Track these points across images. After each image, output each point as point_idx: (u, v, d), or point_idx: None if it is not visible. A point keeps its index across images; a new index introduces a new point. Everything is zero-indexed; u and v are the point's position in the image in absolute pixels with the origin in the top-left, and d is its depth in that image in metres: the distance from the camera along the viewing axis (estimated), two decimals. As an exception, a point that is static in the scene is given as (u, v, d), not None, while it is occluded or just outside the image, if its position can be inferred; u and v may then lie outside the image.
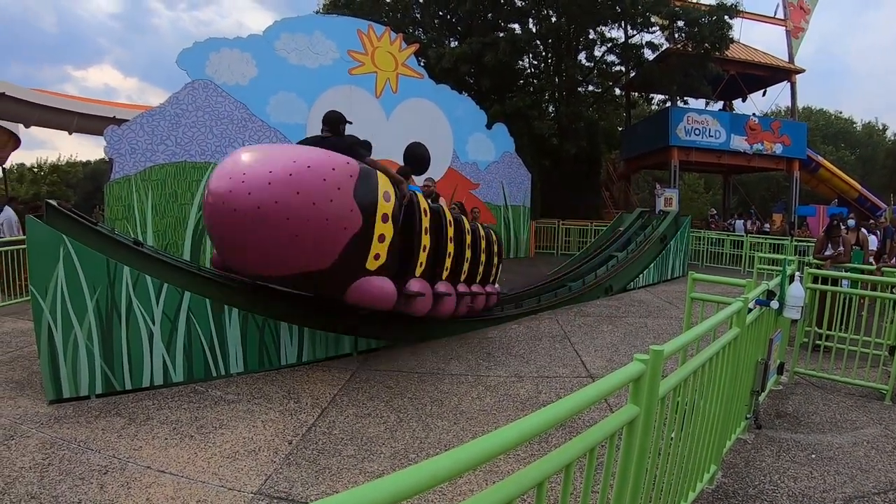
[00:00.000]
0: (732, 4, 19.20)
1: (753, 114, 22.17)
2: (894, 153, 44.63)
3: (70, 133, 23.22)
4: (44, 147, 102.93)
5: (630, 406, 1.96)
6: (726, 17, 18.86)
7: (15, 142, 23.48)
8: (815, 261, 8.01)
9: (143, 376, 4.90)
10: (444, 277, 6.19)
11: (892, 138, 49.57)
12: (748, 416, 4.22)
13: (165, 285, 4.98)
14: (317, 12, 22.18)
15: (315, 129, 11.64)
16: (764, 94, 24.35)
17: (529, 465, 1.47)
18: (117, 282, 4.74)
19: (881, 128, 51.73)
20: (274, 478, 3.45)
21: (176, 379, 5.06)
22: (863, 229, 9.79)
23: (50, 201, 5.05)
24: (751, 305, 3.65)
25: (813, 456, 4.00)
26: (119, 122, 10.16)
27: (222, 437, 4.01)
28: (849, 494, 3.47)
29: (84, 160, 50.16)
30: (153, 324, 4.91)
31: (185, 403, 4.62)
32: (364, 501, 0.99)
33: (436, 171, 14.06)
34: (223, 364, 5.30)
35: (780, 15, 22.64)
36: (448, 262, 6.24)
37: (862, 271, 7.65)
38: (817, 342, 6.37)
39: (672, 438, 2.54)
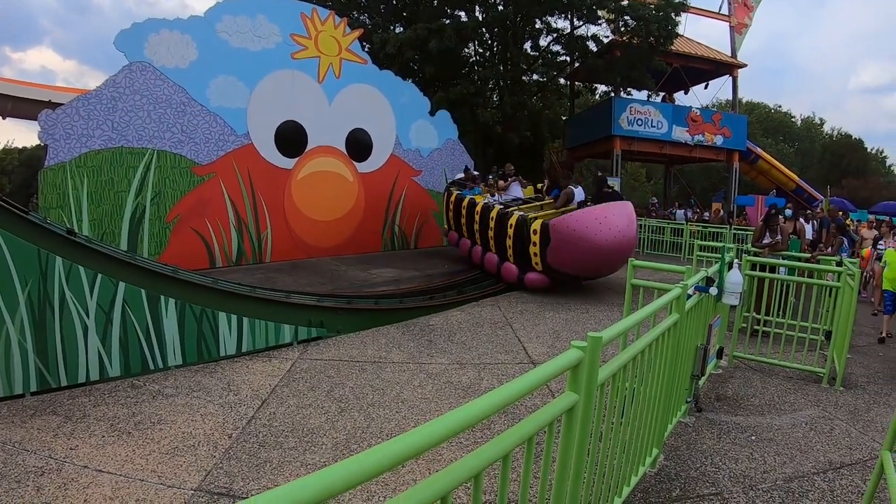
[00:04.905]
0: (680, 1, 19.47)
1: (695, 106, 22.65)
2: (831, 147, 46.42)
3: (3, 118, 22.29)
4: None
5: (568, 394, 1.96)
6: (673, 13, 19.09)
7: (-59, 127, 22.41)
8: (754, 249, 8.24)
9: (79, 372, 4.72)
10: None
11: (830, 132, 51.51)
12: (689, 399, 4.32)
13: (99, 276, 4.78)
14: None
15: (256, 113, 11.42)
16: (706, 87, 24.88)
17: (466, 455, 1.45)
18: (49, 273, 4.54)
19: (819, 122, 53.71)
20: (214, 473, 3.37)
21: (112, 373, 4.88)
22: (800, 219, 10.14)
23: (-25, 189, 4.80)
24: (690, 292, 3.71)
25: (753, 438, 4.12)
26: (55, 105, 9.65)
27: (161, 433, 3.89)
28: (789, 474, 3.58)
29: (20, 146, 48.06)
30: (87, 316, 4.72)
31: (123, 399, 4.46)
32: (304, 494, 0.97)
33: (378, 157, 14.02)
34: (161, 357, 5.15)
35: (725, 11, 23.15)
36: None
37: (798, 259, 7.92)
38: (756, 327, 6.59)
39: (614, 424, 2.56)
